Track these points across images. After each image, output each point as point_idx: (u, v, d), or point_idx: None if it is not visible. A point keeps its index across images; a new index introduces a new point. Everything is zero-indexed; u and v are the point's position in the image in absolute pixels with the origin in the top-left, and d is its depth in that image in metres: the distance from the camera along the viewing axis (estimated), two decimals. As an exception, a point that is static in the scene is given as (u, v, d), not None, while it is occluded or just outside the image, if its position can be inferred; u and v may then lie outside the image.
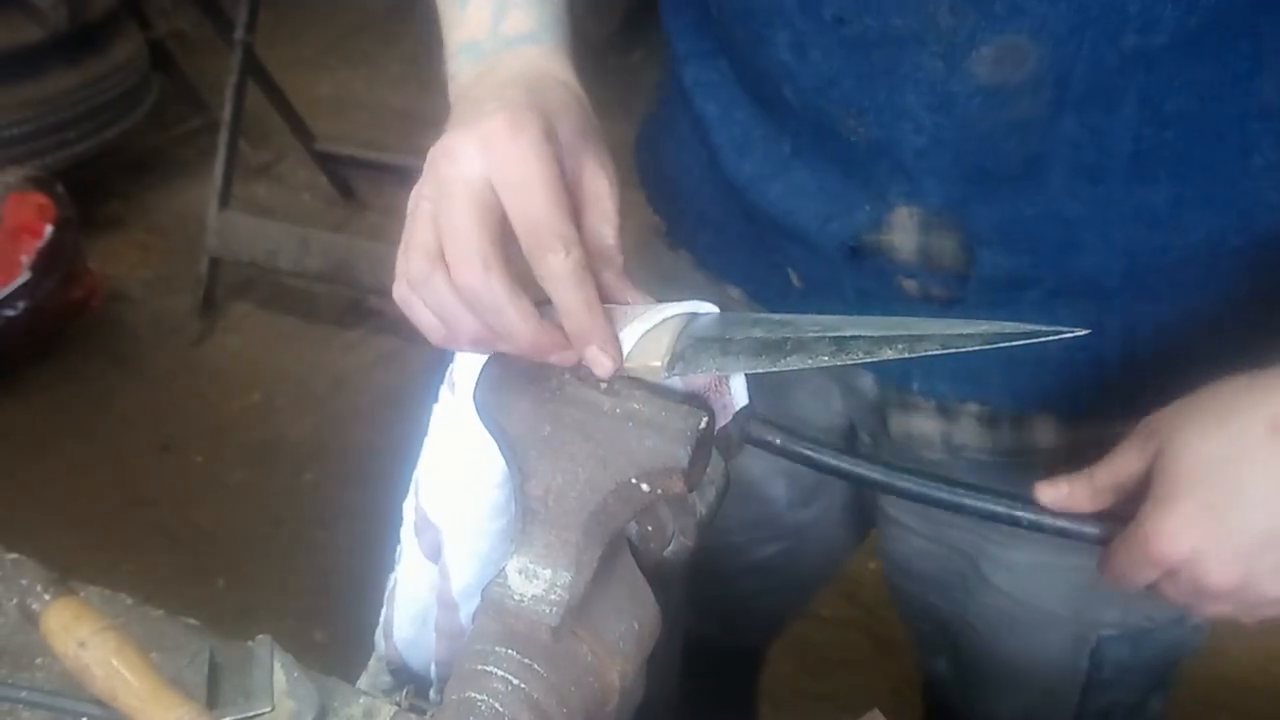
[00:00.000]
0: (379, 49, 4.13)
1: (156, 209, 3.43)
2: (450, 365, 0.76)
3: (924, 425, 0.92)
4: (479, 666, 0.66)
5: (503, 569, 0.66)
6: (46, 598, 0.85)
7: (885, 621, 1.27)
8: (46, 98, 3.00)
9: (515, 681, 0.65)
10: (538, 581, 0.65)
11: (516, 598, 0.65)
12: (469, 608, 0.78)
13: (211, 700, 0.86)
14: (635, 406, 0.63)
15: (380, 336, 2.94)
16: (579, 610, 0.65)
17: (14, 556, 0.95)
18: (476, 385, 0.68)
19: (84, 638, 0.82)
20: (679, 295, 0.68)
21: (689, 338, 0.65)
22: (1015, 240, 0.78)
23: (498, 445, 0.68)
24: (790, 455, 0.72)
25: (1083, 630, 1.01)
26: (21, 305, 2.66)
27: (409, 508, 0.84)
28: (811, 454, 0.72)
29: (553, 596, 0.64)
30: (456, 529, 0.79)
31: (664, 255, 1.02)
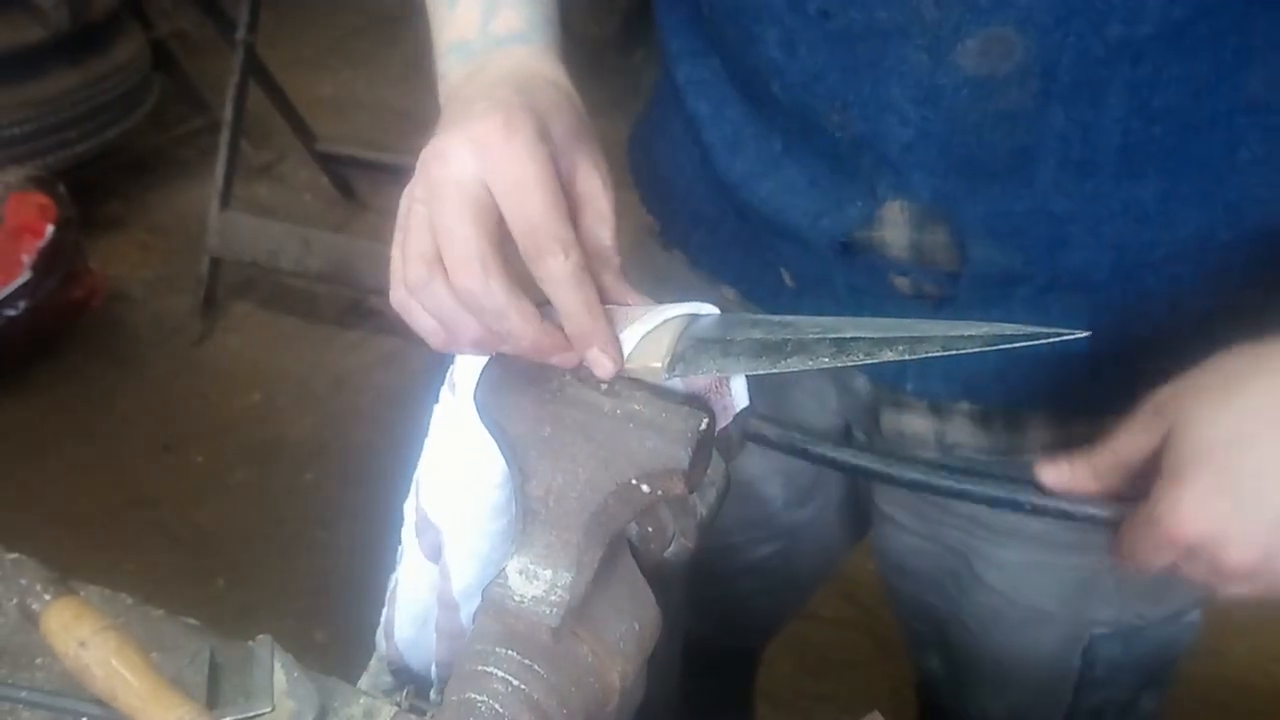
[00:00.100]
0: (380, 49, 4.14)
1: (158, 209, 3.43)
2: (451, 366, 0.76)
3: (917, 424, 0.92)
4: (479, 667, 0.66)
5: (503, 569, 0.66)
6: (47, 597, 0.85)
7: (885, 622, 1.27)
8: (48, 97, 3.00)
9: (515, 682, 0.65)
10: (538, 582, 0.65)
11: (517, 598, 0.65)
12: (469, 608, 0.78)
13: (211, 700, 0.86)
14: (636, 408, 0.63)
15: (381, 337, 2.94)
16: (579, 611, 0.65)
17: (14, 556, 0.95)
18: (477, 386, 0.68)
19: (84, 637, 0.82)
20: (673, 296, 0.68)
21: (689, 339, 0.65)
22: (1005, 236, 0.77)
23: (498, 446, 0.68)
24: (790, 450, 0.72)
25: (1075, 628, 1.01)
26: (22, 305, 2.66)
27: (409, 508, 0.84)
28: (810, 447, 0.72)
29: (553, 597, 0.64)
30: (457, 529, 0.79)
31: (658, 255, 1.02)
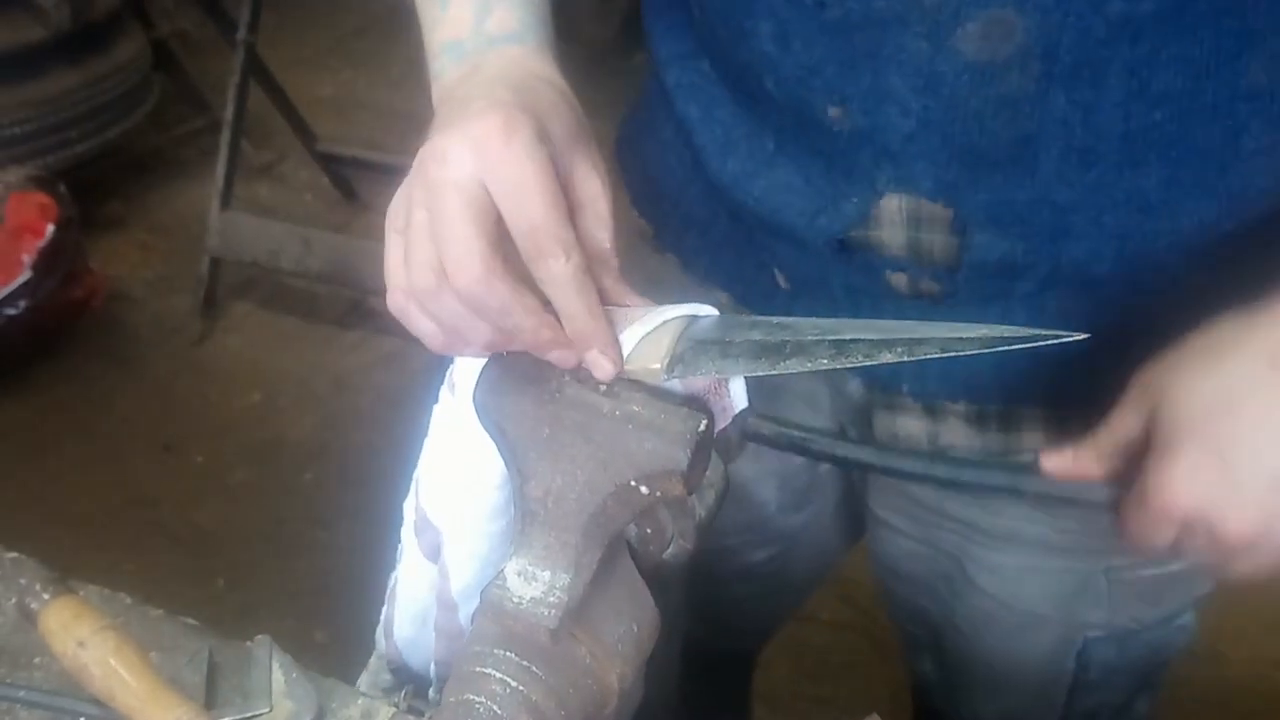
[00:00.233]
0: (381, 50, 4.14)
1: (158, 209, 3.43)
2: (450, 366, 0.76)
3: (910, 426, 0.92)
4: (477, 668, 0.66)
5: (502, 571, 0.66)
6: (45, 597, 0.84)
7: (884, 624, 1.27)
8: (48, 97, 3.00)
9: (514, 684, 0.65)
10: (536, 583, 0.65)
11: (515, 600, 0.65)
12: (468, 608, 0.78)
13: (210, 700, 0.86)
14: (635, 409, 0.63)
15: (381, 337, 2.94)
16: (578, 612, 0.65)
17: (13, 555, 0.95)
18: (476, 387, 0.68)
19: (83, 637, 0.82)
20: (667, 299, 0.68)
21: (688, 340, 0.65)
22: (1007, 224, 0.77)
23: (497, 447, 0.68)
24: (789, 446, 0.72)
25: (1069, 631, 1.01)
26: (23, 304, 2.66)
27: (409, 507, 0.84)
28: (808, 444, 0.72)
29: (551, 599, 0.64)
30: (456, 530, 0.79)
31: (650, 259, 1.01)
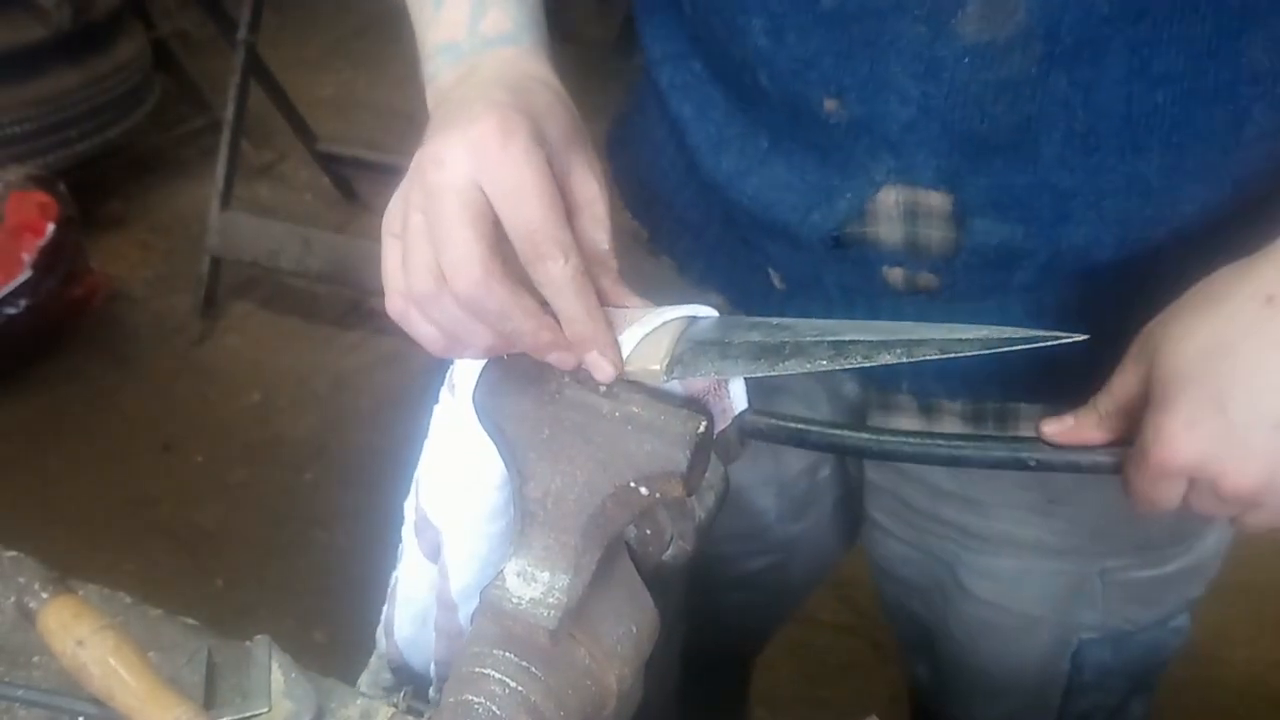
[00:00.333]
0: (382, 50, 4.13)
1: (158, 208, 3.43)
2: (450, 367, 0.76)
3: (904, 425, 0.91)
4: (476, 669, 0.66)
5: (501, 571, 0.66)
6: (45, 596, 0.84)
7: (884, 627, 1.27)
8: (49, 96, 3.00)
9: (512, 684, 0.65)
10: (536, 584, 0.65)
11: (514, 600, 0.65)
12: (468, 608, 0.78)
13: (209, 700, 0.86)
14: (634, 410, 0.63)
15: (381, 337, 2.94)
16: (577, 613, 0.65)
17: (12, 554, 0.95)
18: (476, 388, 0.68)
19: (82, 636, 0.82)
20: (663, 302, 0.68)
21: (688, 341, 0.65)
22: (1007, 209, 0.76)
23: (496, 448, 0.68)
24: (788, 438, 0.71)
25: (1063, 633, 1.01)
26: (23, 303, 2.65)
27: (409, 507, 0.84)
28: (807, 434, 0.71)
29: (551, 599, 0.64)
30: (456, 530, 0.79)
31: (644, 262, 1.01)
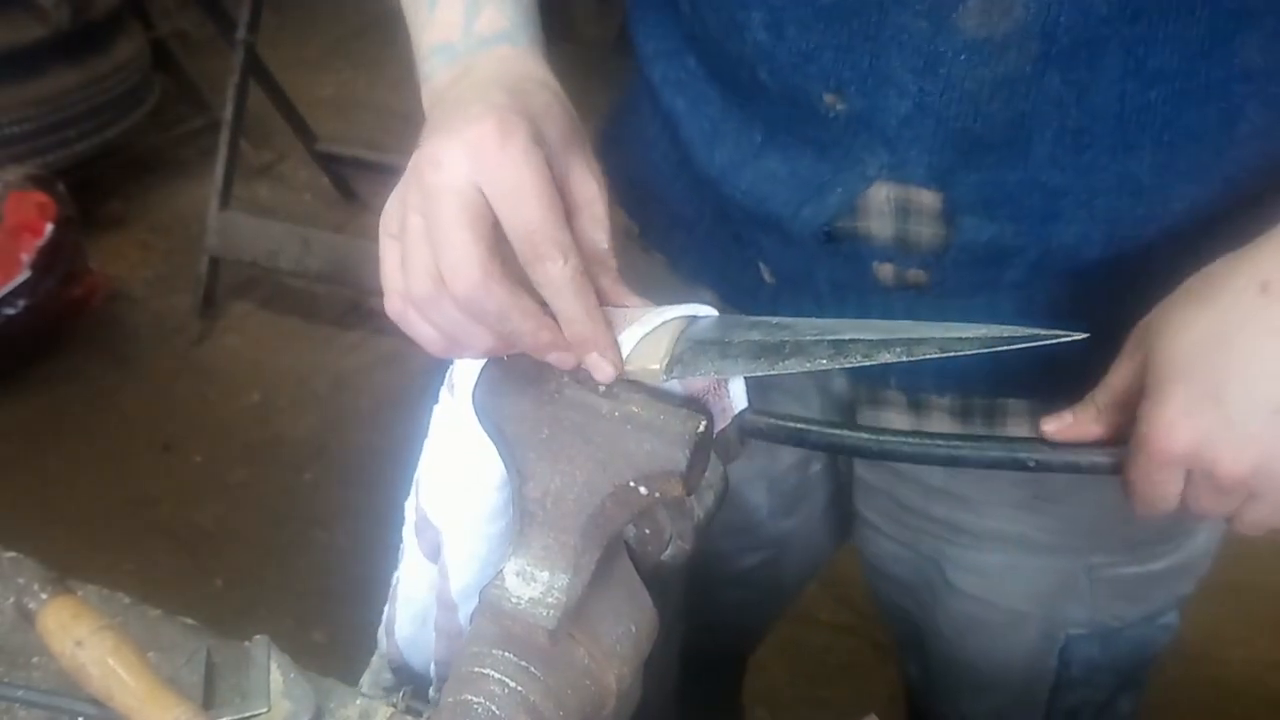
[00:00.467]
0: (381, 50, 4.13)
1: (157, 208, 3.43)
2: (450, 367, 0.76)
3: (894, 421, 0.91)
4: (476, 669, 0.66)
5: (500, 571, 0.66)
6: (44, 596, 0.84)
7: (882, 626, 1.27)
8: (48, 96, 3.00)
9: (512, 684, 0.65)
10: (535, 584, 0.65)
11: (514, 600, 0.65)
12: (467, 608, 0.78)
13: (208, 700, 0.86)
14: (634, 410, 0.63)
15: (381, 337, 2.94)
16: (576, 613, 0.65)
17: (12, 555, 0.95)
18: (475, 387, 0.68)
19: (81, 637, 0.82)
20: (654, 297, 0.68)
21: (687, 341, 0.65)
22: (997, 206, 0.76)
23: (496, 447, 0.68)
24: (786, 438, 0.71)
25: (1051, 629, 1.01)
26: (21, 303, 2.65)
27: (410, 507, 0.84)
28: (805, 434, 0.71)
29: (550, 599, 0.64)
30: (456, 530, 0.79)
31: (637, 258, 1.01)
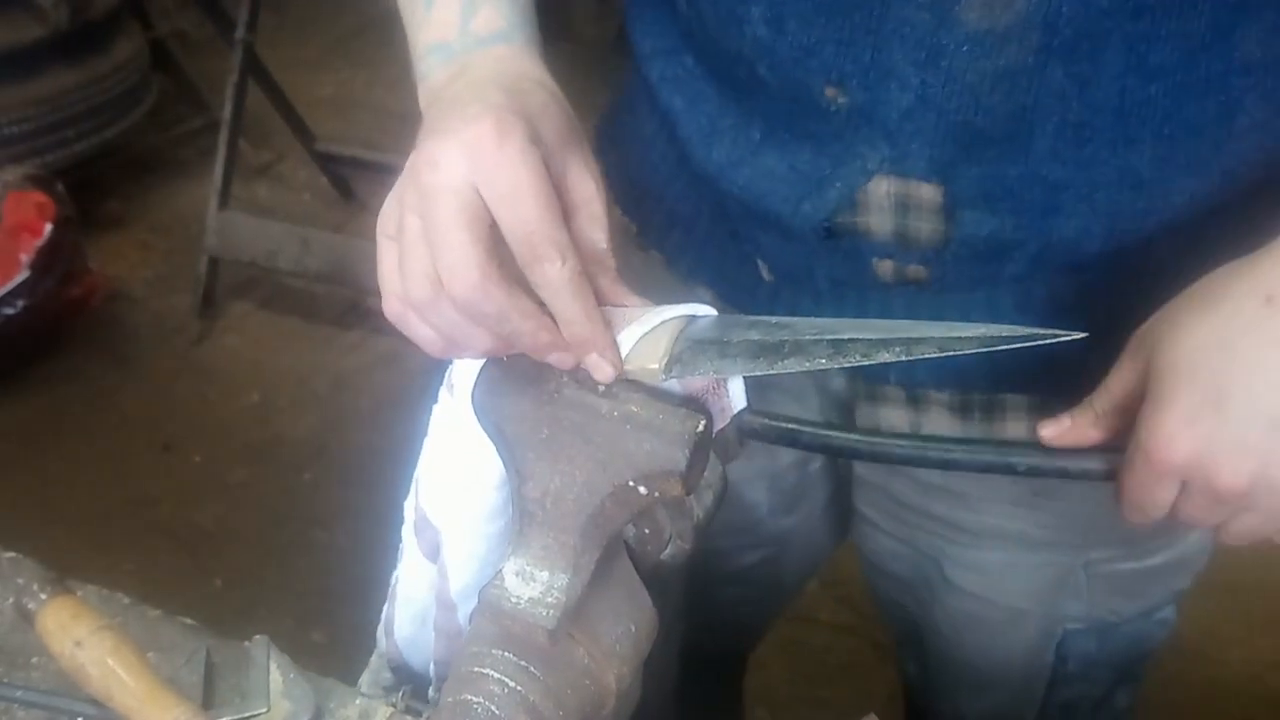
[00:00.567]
0: (380, 50, 4.13)
1: (156, 208, 3.43)
2: (449, 367, 0.76)
3: (893, 417, 0.91)
4: (475, 669, 0.66)
5: (500, 571, 0.66)
6: (43, 597, 0.84)
7: (882, 626, 1.27)
8: (47, 96, 2.99)
9: (511, 684, 0.65)
10: (535, 584, 0.65)
11: (513, 600, 0.65)
12: (467, 608, 0.78)
13: (207, 700, 0.86)
14: (633, 409, 0.63)
15: (380, 337, 2.94)
16: (576, 613, 0.65)
17: (11, 555, 0.95)
18: (474, 387, 0.68)
19: (80, 637, 0.82)
20: (651, 297, 0.68)
21: (687, 340, 0.65)
22: (997, 200, 0.76)
23: (495, 447, 0.68)
24: (781, 439, 0.71)
25: (1048, 624, 1.01)
26: (21, 304, 2.65)
27: (409, 507, 0.84)
28: (799, 436, 0.71)
29: (550, 599, 0.64)
30: (455, 530, 0.79)
31: (634, 257, 1.01)
